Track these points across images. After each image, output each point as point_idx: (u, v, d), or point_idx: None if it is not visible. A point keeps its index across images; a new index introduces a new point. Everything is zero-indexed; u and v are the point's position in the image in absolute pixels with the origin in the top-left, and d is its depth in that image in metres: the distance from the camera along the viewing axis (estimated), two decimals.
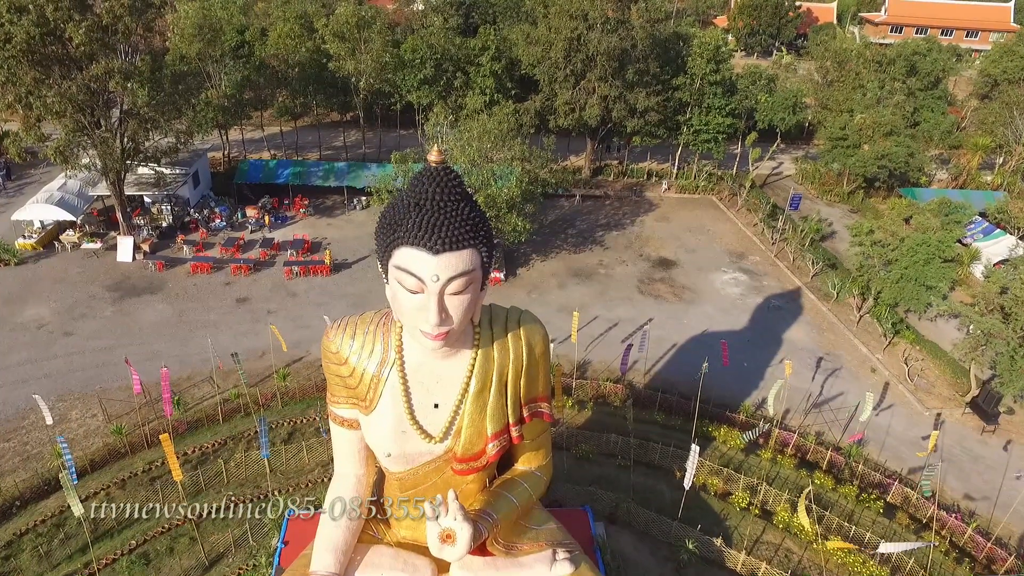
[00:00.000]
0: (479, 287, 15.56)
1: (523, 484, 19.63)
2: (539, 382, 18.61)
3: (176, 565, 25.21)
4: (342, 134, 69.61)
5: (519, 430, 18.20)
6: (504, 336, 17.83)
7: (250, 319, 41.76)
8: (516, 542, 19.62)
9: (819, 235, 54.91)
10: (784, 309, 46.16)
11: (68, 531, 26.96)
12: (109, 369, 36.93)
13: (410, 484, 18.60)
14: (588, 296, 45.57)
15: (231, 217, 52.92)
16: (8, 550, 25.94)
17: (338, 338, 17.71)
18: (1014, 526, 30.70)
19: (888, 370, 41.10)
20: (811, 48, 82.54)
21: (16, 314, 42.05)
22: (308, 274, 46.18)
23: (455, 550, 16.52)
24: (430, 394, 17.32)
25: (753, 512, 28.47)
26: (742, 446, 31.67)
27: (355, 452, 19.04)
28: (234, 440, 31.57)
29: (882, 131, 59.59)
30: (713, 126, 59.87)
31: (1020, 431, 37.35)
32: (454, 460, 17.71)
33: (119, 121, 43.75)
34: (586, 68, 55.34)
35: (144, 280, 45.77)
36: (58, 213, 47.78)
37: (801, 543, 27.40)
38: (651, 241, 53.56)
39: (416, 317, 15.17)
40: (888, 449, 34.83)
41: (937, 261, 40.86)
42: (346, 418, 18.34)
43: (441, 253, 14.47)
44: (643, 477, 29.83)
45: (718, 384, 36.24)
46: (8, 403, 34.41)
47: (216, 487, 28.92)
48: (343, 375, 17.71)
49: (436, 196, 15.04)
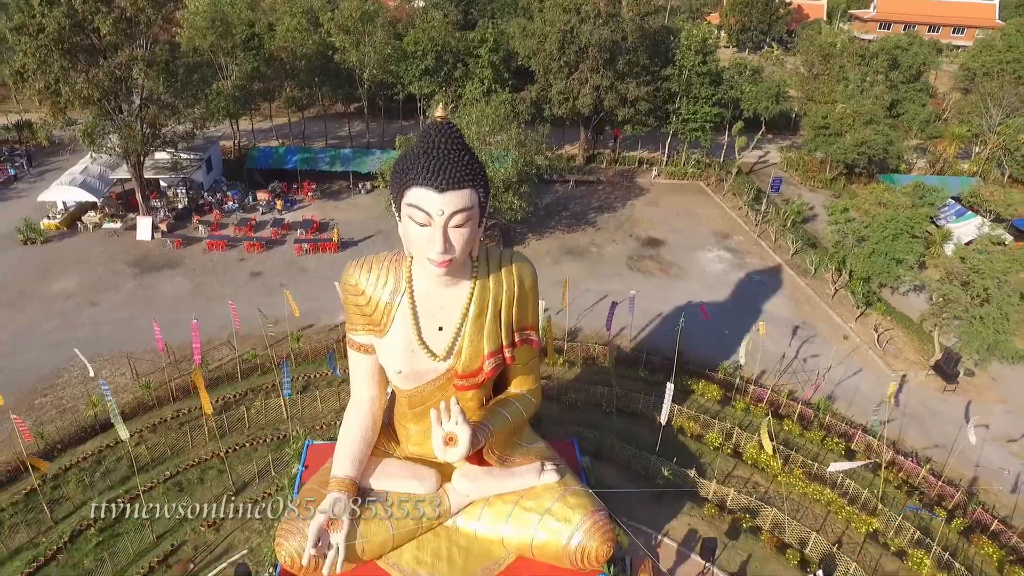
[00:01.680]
0: (477, 223, 18.73)
1: (515, 404, 22.66)
2: (528, 312, 21.70)
3: (207, 492, 28.19)
4: (347, 124, 72.57)
5: (512, 352, 21.28)
6: (499, 270, 20.89)
7: (264, 291, 44.63)
8: (509, 455, 22.73)
9: (800, 217, 57.84)
10: (765, 284, 49.14)
11: (108, 466, 29.89)
12: (134, 335, 39.78)
13: (417, 401, 21.66)
14: (580, 272, 48.50)
15: (243, 200, 55.87)
16: (55, 481, 28.86)
17: (356, 273, 20.83)
18: (965, 470, 33.64)
19: (859, 338, 44.07)
20: (798, 43, 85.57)
21: (45, 287, 44.97)
22: (317, 251, 49.13)
23: (457, 451, 19.63)
24: (435, 318, 20.38)
25: (725, 451, 31.44)
26: (719, 397, 34.68)
27: (370, 376, 22.05)
28: (253, 392, 34.56)
29: (862, 120, 62.59)
30: (701, 115, 62.87)
31: (979, 391, 40.27)
32: (455, 377, 20.79)
33: (139, 107, 46.66)
34: (579, 59, 58.32)
35: (163, 257, 48.73)
36: (81, 195, 50.71)
37: (768, 476, 30.39)
38: (641, 223, 56.55)
39: (425, 247, 18.36)
40: (855, 406, 37.72)
41: (905, 236, 43.80)
42: (363, 343, 21.40)
43: (446, 191, 17.72)
44: (626, 423, 32.84)
45: (699, 348, 39.21)
46: (43, 364, 37.27)
47: (239, 430, 31.87)
48: (360, 304, 20.78)
49: (441, 145, 18.28)
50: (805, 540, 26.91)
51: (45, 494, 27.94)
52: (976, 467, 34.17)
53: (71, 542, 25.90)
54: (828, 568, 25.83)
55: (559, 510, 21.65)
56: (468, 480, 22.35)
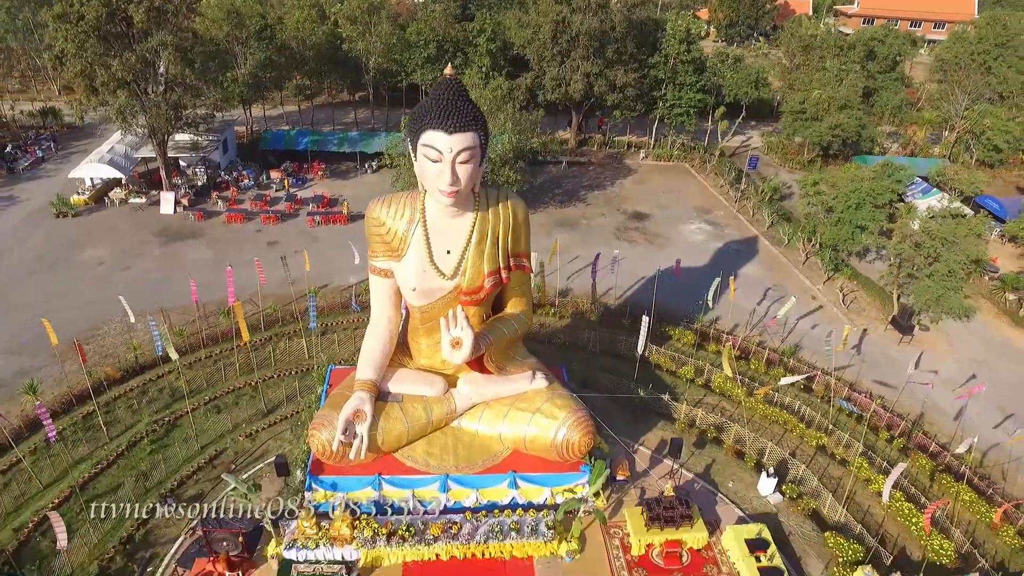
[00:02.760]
0: (478, 161, 22.93)
1: (511, 321, 26.89)
2: (521, 242, 25.91)
3: (241, 413, 32.32)
4: (353, 111, 76.63)
5: (507, 273, 25.42)
6: (496, 205, 25.11)
7: (280, 257, 48.59)
8: (506, 365, 27.00)
9: (778, 195, 62.03)
10: (741, 252, 53.31)
11: (152, 396, 33.95)
12: (164, 294, 43.74)
13: (428, 317, 25.85)
14: (571, 241, 52.60)
15: (257, 179, 59.91)
16: (105, 408, 32.85)
17: (378, 208, 25.02)
18: (912, 406, 37.74)
19: (826, 298, 48.24)
20: (780, 36, 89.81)
21: (78, 255, 48.98)
22: (328, 223, 53.21)
23: (461, 352, 23.82)
24: (444, 243, 24.61)
25: (697, 383, 35.60)
26: (693, 342, 38.87)
27: (388, 297, 26.25)
28: (276, 337, 38.63)
29: (837, 105, 66.79)
30: (685, 101, 67.08)
31: (931, 344, 44.38)
32: (460, 294, 24.97)
33: (165, 89, 50.65)
34: (571, 48, 62.47)
35: (186, 228, 52.76)
36: (109, 171, 54.72)
37: (734, 403, 34.54)
38: (628, 199, 60.72)
39: (436, 180, 22.58)
40: (819, 355, 41.83)
41: (868, 205, 47.94)
42: (382, 268, 25.59)
43: (454, 133, 21.96)
44: (609, 360, 37.02)
45: (678, 305, 43.32)
46: (83, 319, 41.18)
47: (267, 366, 35.96)
48: (381, 234, 24.97)
49: (450, 96, 22.52)
50: (763, 450, 31.04)
51: (101, 416, 31.97)
52: (923, 403, 38.28)
53: (128, 450, 29.95)
54: (781, 471, 29.95)
55: (547, 409, 25.84)
56: (471, 385, 26.57)
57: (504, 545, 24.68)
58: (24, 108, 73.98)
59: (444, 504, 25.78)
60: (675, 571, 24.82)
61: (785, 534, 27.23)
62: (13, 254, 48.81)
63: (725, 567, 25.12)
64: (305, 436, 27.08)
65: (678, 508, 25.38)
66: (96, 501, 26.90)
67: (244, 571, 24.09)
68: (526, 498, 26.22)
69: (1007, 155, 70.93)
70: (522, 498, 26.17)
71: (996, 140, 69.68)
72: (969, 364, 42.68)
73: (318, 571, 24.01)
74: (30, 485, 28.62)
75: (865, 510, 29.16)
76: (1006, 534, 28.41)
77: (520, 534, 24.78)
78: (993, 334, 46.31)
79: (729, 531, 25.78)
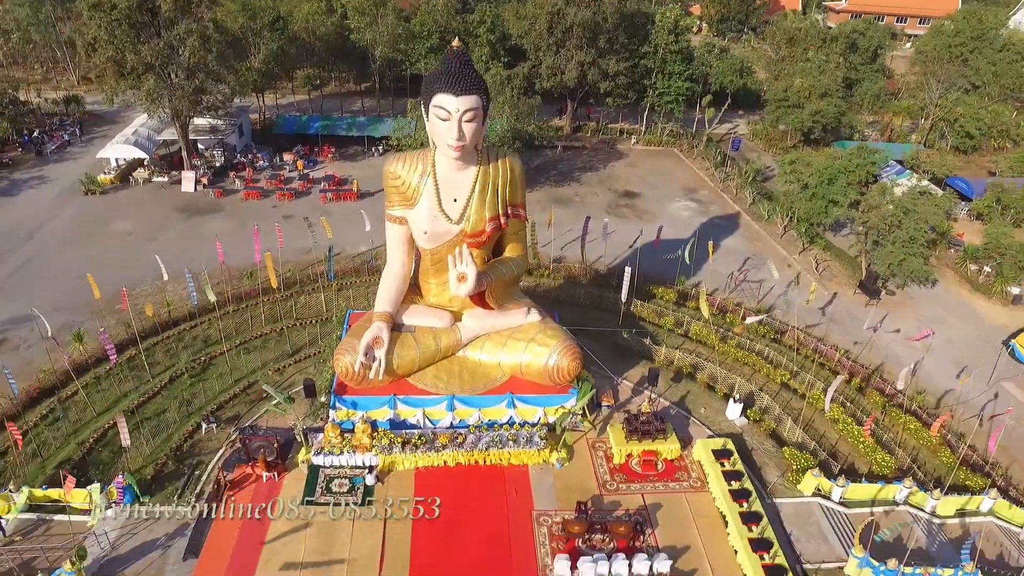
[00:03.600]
0: (481, 121, 26.88)
1: (509, 263, 30.90)
2: (518, 193, 29.87)
3: (269, 354, 36.27)
4: (360, 100, 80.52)
5: (506, 220, 29.33)
6: (496, 161, 29.08)
7: (296, 229, 52.48)
8: (505, 303, 31.03)
9: (761, 177, 65.98)
10: (724, 226, 57.26)
11: (186, 343, 37.87)
12: (190, 260, 47.46)
13: (438, 258, 29.82)
14: (565, 216, 56.44)
15: (272, 160, 63.83)
16: (146, 353, 36.73)
17: (395, 163, 28.95)
18: (874, 359, 41.65)
19: (801, 266, 52.19)
20: (766, 29, 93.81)
21: (107, 228, 52.86)
22: (340, 199, 57.13)
23: (466, 286, 27.78)
24: (451, 193, 28.57)
25: (677, 333, 39.58)
26: (674, 299, 42.87)
27: (402, 243, 30.19)
28: (296, 293, 42.55)
29: (817, 93, 70.78)
30: (674, 89, 71.03)
31: (896, 306, 48.33)
32: (465, 237, 28.84)
33: (188, 75, 54.48)
34: (565, 38, 66.37)
35: (207, 204, 56.67)
36: (134, 152, 58.64)
37: (709, 349, 38.46)
38: (619, 180, 64.68)
39: (445, 136, 26.50)
40: (789, 315, 45.78)
41: (841, 181, 51.84)
42: (397, 216, 29.52)
43: (460, 95, 25.88)
44: (597, 312, 40.97)
45: (662, 272, 47.17)
46: (117, 282, 44.68)
47: (289, 317, 39.93)
48: (397, 186, 28.89)
49: (457, 64, 26.49)
50: (733, 385, 34.98)
51: (144, 357, 35.90)
52: (884, 356, 42.22)
53: (170, 384, 33.90)
54: (748, 401, 33.88)
55: (540, 339, 29.83)
56: (474, 319, 30.55)
57: (503, 453, 28.62)
58: (49, 96, 77.92)
59: (451, 422, 29.72)
60: (651, 476, 28.76)
61: (748, 450, 31.18)
62: (48, 227, 52.69)
63: (694, 473, 29.07)
64: (329, 366, 30.97)
65: (654, 423, 29.33)
66: (146, 423, 30.85)
67: (279, 474, 28.00)
68: (522, 417, 30.17)
69: (979, 141, 74.92)
70: (518, 417, 30.12)
71: (968, 127, 73.76)
72: (929, 323, 46.53)
73: (342, 474, 27.92)
74: (85, 413, 32.56)
75: (821, 435, 33.12)
76: (943, 454, 32.37)
77: (517, 444, 28.73)
78: (953, 298, 50.26)
79: (698, 443, 29.75)
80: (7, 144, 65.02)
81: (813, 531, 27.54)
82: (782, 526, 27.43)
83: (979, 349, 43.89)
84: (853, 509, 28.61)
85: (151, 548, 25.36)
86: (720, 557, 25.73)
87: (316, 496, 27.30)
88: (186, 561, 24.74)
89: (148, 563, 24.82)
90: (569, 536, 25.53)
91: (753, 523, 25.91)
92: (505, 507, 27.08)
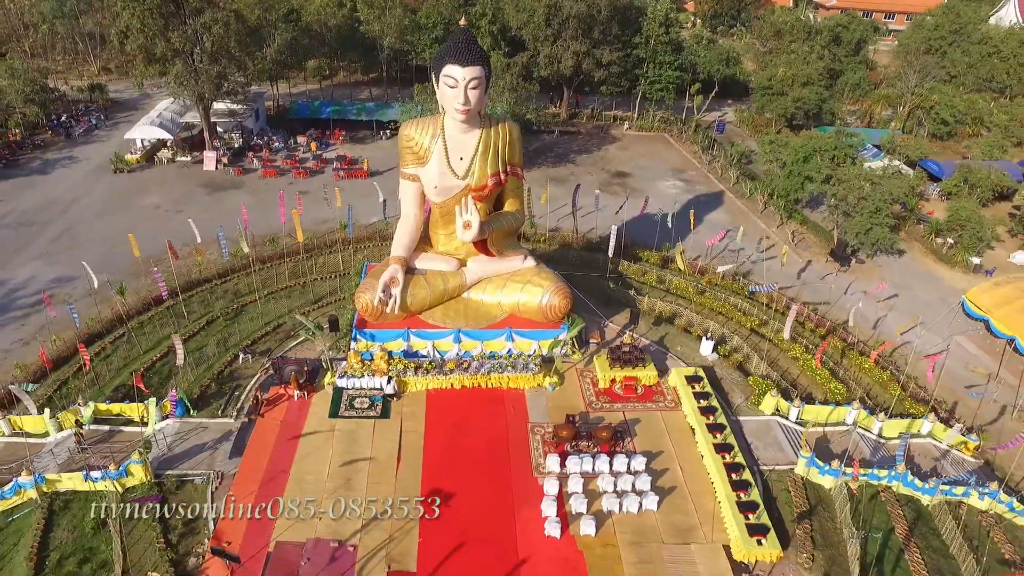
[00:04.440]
0: (484, 89, 31.18)
1: (508, 215, 35.32)
2: (515, 154, 34.22)
3: (294, 301, 40.60)
4: (368, 90, 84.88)
5: (505, 177, 33.63)
6: (497, 126, 33.43)
7: (313, 203, 56.83)
8: (504, 250, 35.41)
9: (746, 159, 70.28)
10: (709, 202, 61.57)
11: (218, 295, 42.20)
12: (217, 229, 51.78)
13: (446, 210, 34.18)
14: (561, 193, 60.70)
15: (286, 142, 68.19)
16: (174, 305, 41.00)
17: (409, 128, 33.28)
18: (841, 316, 45.85)
19: (779, 238, 56.49)
20: (754, 23, 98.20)
21: (137, 202, 57.19)
22: (351, 177, 61.47)
23: (471, 232, 32.14)
24: (458, 152, 32.91)
25: (659, 289, 43.91)
26: (658, 261, 47.23)
27: (415, 197, 34.51)
28: (315, 255, 46.89)
29: (800, 81, 75.12)
30: (664, 78, 75.37)
31: (865, 273, 52.61)
32: (470, 191, 33.12)
33: (211, 60, 58.78)
34: (562, 29, 70.67)
35: (228, 181, 61.01)
36: (159, 132, 63.03)
37: (689, 302, 42.75)
38: (612, 161, 69.03)
39: (453, 102, 30.81)
40: (765, 278, 50.02)
41: (816, 158, 56.11)
42: (411, 174, 33.83)
43: (467, 66, 30.21)
44: (588, 270, 45.33)
45: (647, 240, 51.48)
46: (151, 248, 48.82)
47: (311, 273, 44.26)
48: (411, 147, 33.21)
49: (463, 40, 30.86)
50: (707, 329, 39.26)
51: (183, 305, 40.23)
52: (850, 314, 46.44)
53: (207, 326, 38.25)
54: (719, 341, 38.18)
55: (536, 281, 34.19)
56: (478, 264, 34.91)
57: (502, 377, 32.96)
58: (74, 84, 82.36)
59: (457, 353, 34.04)
60: (631, 398, 33.07)
61: (718, 379, 35.51)
62: (83, 201, 57.04)
63: (670, 396, 33.41)
64: (351, 307, 35.29)
65: (634, 352, 33.65)
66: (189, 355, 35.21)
67: (308, 394, 32.32)
68: (519, 349, 34.48)
69: (954, 128, 79.19)
70: (516, 349, 34.43)
71: (943, 114, 78.07)
72: (893, 287, 50.87)
73: (362, 395, 32.23)
74: (132, 351, 36.90)
75: (784, 370, 37.44)
76: (892, 389, 36.66)
77: (515, 369, 33.08)
78: (919, 267, 54.53)
79: (673, 372, 34.11)
80: (38, 127, 69.39)
81: (770, 442, 31.84)
82: (744, 438, 31.72)
83: (938, 310, 48.16)
84: (808, 430, 32.87)
85: (201, 450, 29.70)
86: (689, 460, 30.03)
87: (340, 412, 31.60)
88: (232, 459, 29.06)
89: (200, 460, 29.16)
90: (559, 441, 29.80)
91: (717, 431, 30.21)
92: (504, 421, 31.41)
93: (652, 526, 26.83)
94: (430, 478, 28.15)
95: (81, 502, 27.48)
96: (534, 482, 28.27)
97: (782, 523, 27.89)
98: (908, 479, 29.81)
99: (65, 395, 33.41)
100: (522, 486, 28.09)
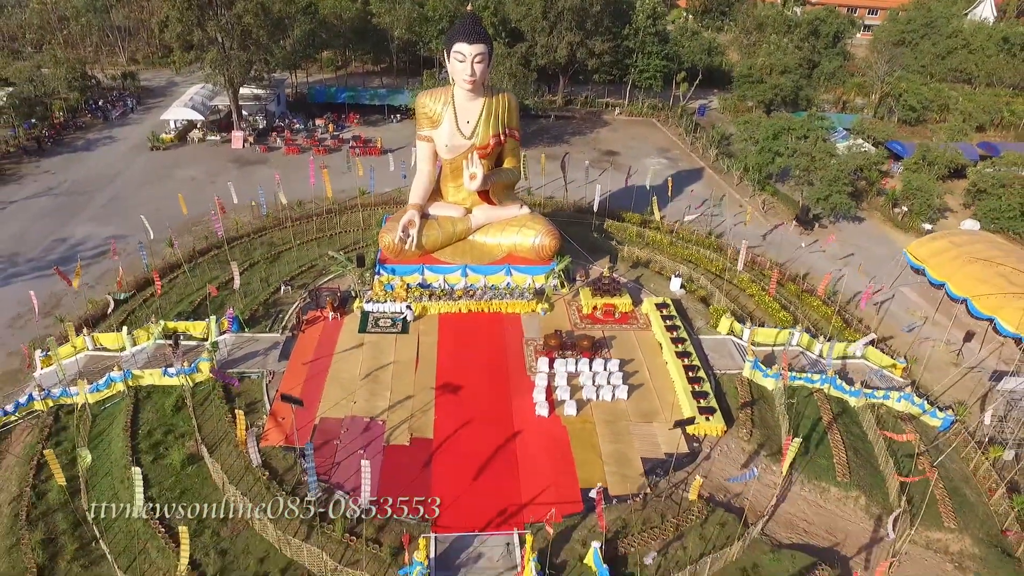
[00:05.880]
0: (487, 64, 37.58)
1: (507, 170, 41.98)
2: (513, 119, 40.82)
3: (323, 248, 47.06)
4: (379, 79, 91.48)
5: (504, 138, 40.06)
6: (498, 95, 40.01)
7: (333, 175, 62.97)
8: (504, 200, 41.76)
9: (727, 141, 76.70)
10: (690, 177, 68.04)
11: (255, 246, 48.66)
12: (248, 195, 58.27)
13: (455, 166, 40.72)
14: (556, 168, 67.18)
15: (306, 124, 74.76)
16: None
17: (425, 96, 39.80)
18: (799, 268, 52.23)
19: (751, 206, 62.91)
20: (739, 17, 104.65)
21: (175, 174, 63.70)
22: (366, 154, 68.00)
23: (476, 182, 38.71)
24: (465, 117, 39.50)
25: (638, 244, 50.39)
26: (639, 221, 53.72)
27: (428, 156, 41.00)
28: (338, 214, 53.42)
29: (778, 70, 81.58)
30: (652, 67, 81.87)
31: (826, 235, 58.99)
32: (475, 149, 39.54)
33: (242, 47, 65.25)
34: (557, 21, 77.16)
35: (254, 157, 67.55)
36: (192, 114, 69.64)
37: (666, 253, 49.20)
38: (603, 142, 75.52)
39: (462, 73, 37.28)
40: (736, 239, 56.37)
41: (784, 136, 62.58)
42: (426, 135, 40.35)
43: (473, 44, 36.76)
44: (576, 226, 51.83)
45: (633, 206, 57.95)
46: (190, 213, 55.58)
47: (336, 227, 50.85)
48: (426, 112, 39.74)
49: (470, 22, 37.27)
50: (677, 271, 45.72)
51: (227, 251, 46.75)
52: (809, 267, 52.86)
53: (250, 268, 44.77)
54: (686, 280, 44.65)
55: (529, 224, 40.69)
56: (481, 211, 41.38)
57: (502, 303, 39.43)
58: (108, 72, 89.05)
59: (463, 285, 40.55)
60: (610, 320, 39.54)
61: (684, 309, 41.97)
62: (125, 174, 63.59)
63: (641, 319, 39.88)
64: (374, 249, 41.79)
65: (613, 284, 40.14)
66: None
67: (341, 315, 38.82)
68: (516, 283, 40.94)
69: (922, 114, 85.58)
70: (514, 283, 40.89)
71: (911, 101, 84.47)
72: (850, 247, 57.29)
73: (385, 317, 38.71)
74: (187, 288, 43.42)
75: (742, 305, 43.88)
76: (836, 322, 43.04)
77: (512, 297, 39.53)
78: (877, 232, 60.92)
79: (645, 300, 40.58)
80: (78, 111, 76.00)
81: (724, 354, 38.28)
82: (703, 351, 38.17)
83: (890, 266, 54.53)
84: (758, 348, 39.31)
85: (254, 356, 36.21)
86: (655, 367, 36.50)
87: (367, 329, 38.07)
88: (280, 361, 35.58)
89: (255, 363, 35.68)
90: (548, 348, 36.26)
91: (679, 343, 36.67)
92: (503, 336, 37.90)
93: (622, 410, 33.30)
94: (443, 374, 34.65)
95: (160, 393, 33.99)
96: (527, 379, 34.76)
97: (729, 412, 34.33)
98: (837, 383, 36.23)
99: (134, 321, 39.93)
100: (518, 381, 34.60)
